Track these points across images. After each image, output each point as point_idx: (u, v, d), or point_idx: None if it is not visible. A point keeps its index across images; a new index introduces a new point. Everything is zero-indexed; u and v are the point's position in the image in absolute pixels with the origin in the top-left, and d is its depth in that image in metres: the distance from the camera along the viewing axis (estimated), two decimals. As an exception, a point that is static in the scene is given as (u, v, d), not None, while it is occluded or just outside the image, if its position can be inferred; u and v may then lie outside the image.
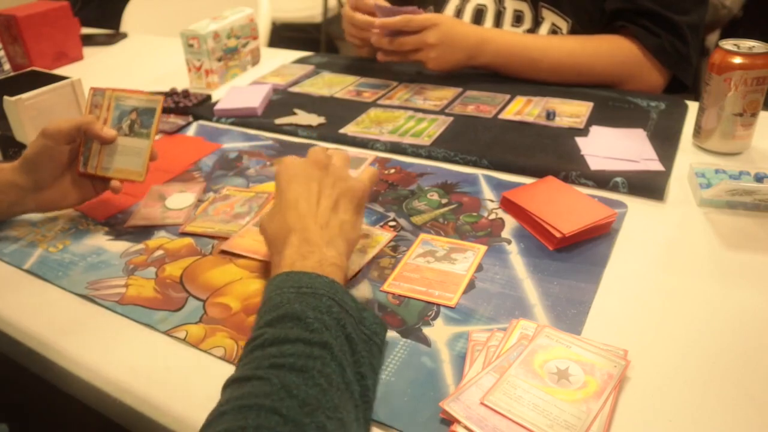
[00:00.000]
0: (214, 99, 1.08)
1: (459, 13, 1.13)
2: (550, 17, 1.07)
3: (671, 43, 0.98)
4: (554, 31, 1.06)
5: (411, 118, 0.95)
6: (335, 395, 0.41)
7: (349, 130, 0.92)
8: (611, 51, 1.01)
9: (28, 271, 0.66)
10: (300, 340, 0.44)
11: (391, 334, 0.54)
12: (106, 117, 0.72)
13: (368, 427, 0.45)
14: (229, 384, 0.43)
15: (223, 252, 0.67)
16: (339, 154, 0.64)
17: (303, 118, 0.97)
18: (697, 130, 0.83)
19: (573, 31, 1.05)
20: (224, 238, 0.69)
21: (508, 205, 0.72)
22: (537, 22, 1.08)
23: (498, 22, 1.11)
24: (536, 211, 0.67)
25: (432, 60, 1.03)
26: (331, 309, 0.47)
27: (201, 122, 1.01)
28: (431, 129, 0.91)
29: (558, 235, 0.63)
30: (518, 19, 1.09)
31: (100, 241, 0.70)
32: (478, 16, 1.12)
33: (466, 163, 0.82)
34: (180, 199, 0.77)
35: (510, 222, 0.69)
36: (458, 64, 1.04)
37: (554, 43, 1.03)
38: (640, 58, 1.00)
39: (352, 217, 0.58)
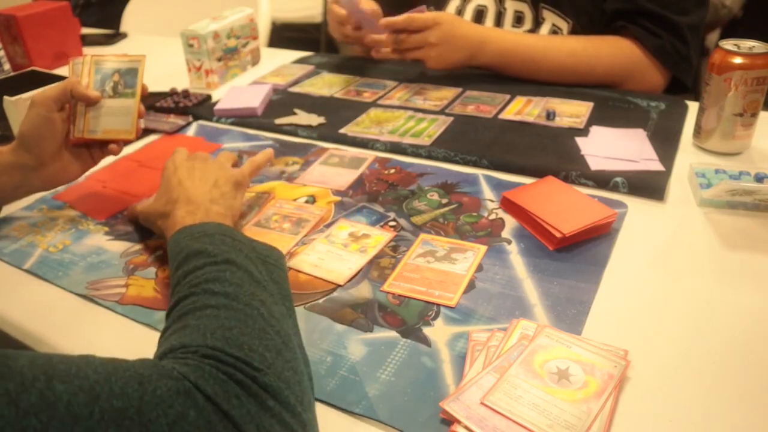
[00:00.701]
0: (214, 99, 1.08)
1: (459, 13, 1.13)
2: (550, 18, 1.07)
3: (671, 44, 0.98)
4: (555, 31, 1.06)
5: (411, 118, 0.95)
6: (250, 288, 0.48)
7: (349, 130, 0.92)
8: (612, 51, 1.01)
9: (28, 271, 0.66)
10: (207, 264, 0.50)
11: (392, 334, 0.54)
12: (88, 82, 0.72)
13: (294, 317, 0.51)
14: (165, 320, 0.48)
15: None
16: (223, 153, 0.73)
17: (303, 118, 0.97)
18: (697, 130, 0.83)
19: (573, 31, 1.05)
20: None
21: (508, 205, 0.72)
22: (537, 23, 1.08)
23: (498, 22, 1.11)
24: (536, 211, 0.67)
25: (432, 59, 1.03)
26: (224, 240, 0.53)
27: (201, 122, 1.01)
28: (431, 129, 0.91)
29: (558, 235, 0.63)
30: (519, 19, 1.09)
31: (100, 241, 0.70)
32: (479, 17, 1.12)
33: (466, 163, 0.82)
34: None
35: (510, 222, 0.69)
36: (458, 63, 1.04)
37: (555, 43, 1.03)
38: (640, 59, 1.00)
39: (231, 191, 0.66)
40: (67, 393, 0.33)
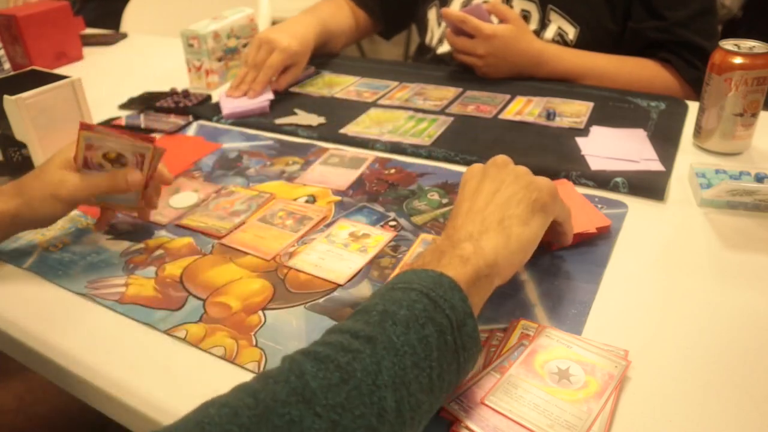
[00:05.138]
0: (214, 99, 1.07)
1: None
2: (557, 21, 1.07)
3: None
4: (560, 35, 1.07)
5: (411, 118, 0.95)
6: (344, 394, 0.37)
7: (349, 130, 0.92)
8: (649, 75, 1.05)
9: (27, 270, 0.66)
10: (349, 332, 0.41)
11: (392, 334, 0.54)
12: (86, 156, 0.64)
13: None
14: None
15: (223, 245, 0.67)
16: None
17: (303, 118, 0.97)
18: (698, 130, 0.83)
19: (580, 37, 1.06)
20: (215, 235, 0.69)
21: (508, 205, 0.71)
22: (543, 24, 1.08)
23: None
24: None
25: (478, 69, 1.06)
26: (414, 304, 0.42)
27: (201, 122, 1.01)
28: (431, 129, 0.91)
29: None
30: (524, 18, 1.09)
31: (100, 240, 0.70)
32: None
33: (467, 163, 0.82)
34: (184, 198, 0.77)
35: (510, 222, 0.69)
36: (509, 76, 1.06)
37: (611, 71, 1.05)
38: (676, 87, 1.04)
39: (524, 213, 0.52)
40: None
